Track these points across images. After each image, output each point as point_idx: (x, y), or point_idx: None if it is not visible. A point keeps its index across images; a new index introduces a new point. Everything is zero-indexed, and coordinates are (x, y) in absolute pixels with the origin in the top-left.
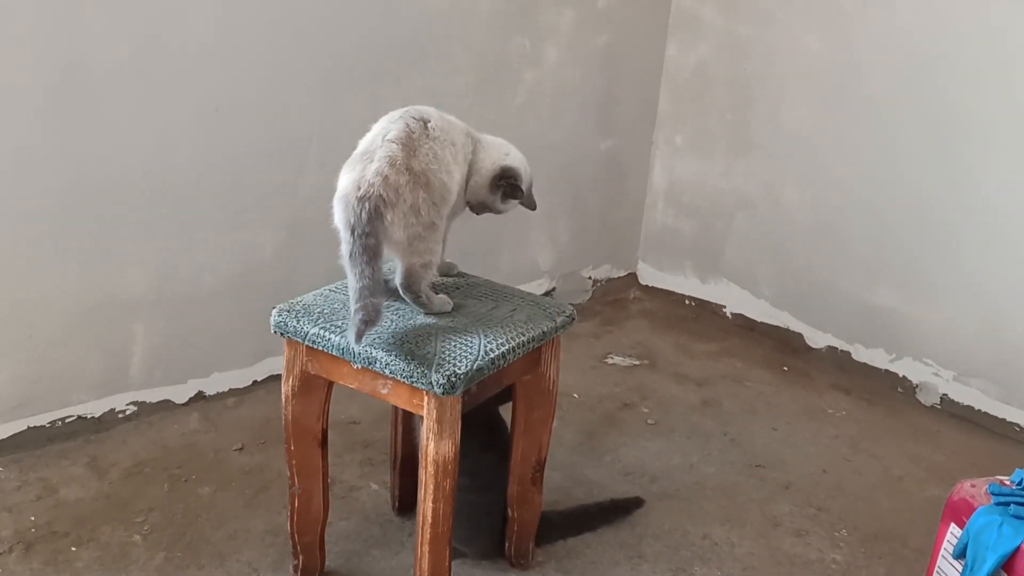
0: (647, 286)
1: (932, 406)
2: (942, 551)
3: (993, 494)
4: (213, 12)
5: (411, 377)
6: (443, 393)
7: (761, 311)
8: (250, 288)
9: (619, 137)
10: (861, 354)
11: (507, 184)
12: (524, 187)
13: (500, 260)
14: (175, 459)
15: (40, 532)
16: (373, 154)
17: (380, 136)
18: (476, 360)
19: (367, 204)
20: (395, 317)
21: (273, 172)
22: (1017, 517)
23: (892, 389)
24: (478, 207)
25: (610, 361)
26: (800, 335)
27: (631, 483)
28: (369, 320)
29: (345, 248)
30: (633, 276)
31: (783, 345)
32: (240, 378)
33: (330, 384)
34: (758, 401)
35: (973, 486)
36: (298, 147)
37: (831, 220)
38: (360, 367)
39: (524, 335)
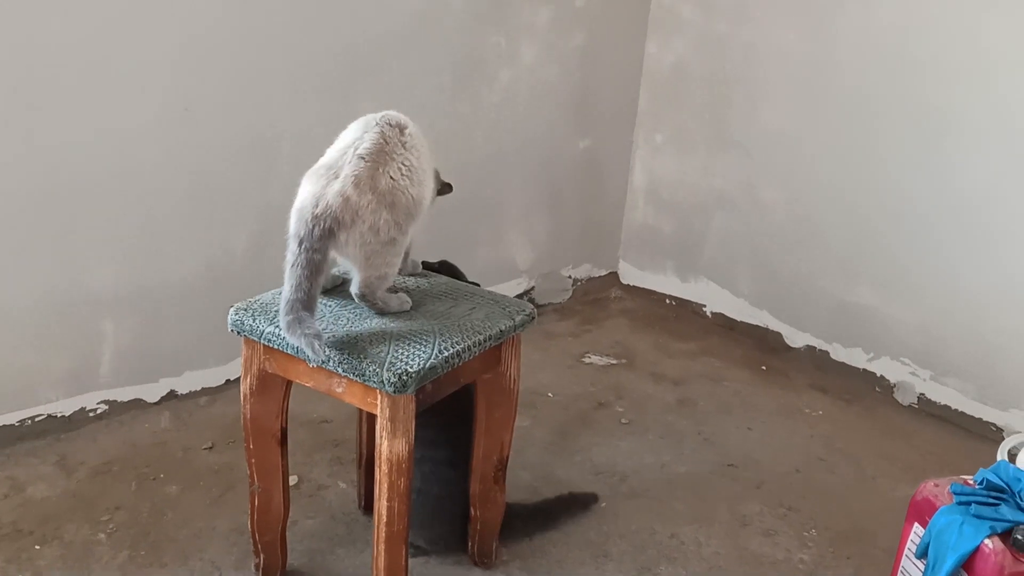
0: (628, 285)
1: (909, 405)
2: (906, 551)
3: (955, 494)
4: (182, 9)
5: (363, 376)
6: (395, 392)
7: (740, 310)
8: (221, 287)
9: (598, 136)
10: (839, 353)
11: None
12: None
13: (476, 259)
14: (144, 458)
15: (4, 530)
16: (340, 170)
17: (351, 149)
18: (429, 359)
19: (322, 223)
20: (351, 316)
21: (243, 171)
22: (978, 517)
23: (870, 388)
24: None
25: (587, 360)
26: (779, 334)
27: (601, 482)
28: (318, 334)
29: (289, 257)
30: (614, 275)
31: (762, 344)
32: (212, 377)
33: (288, 383)
34: (734, 400)
35: (937, 486)
36: (269, 146)
37: (810, 219)
38: (315, 366)
39: (480, 334)
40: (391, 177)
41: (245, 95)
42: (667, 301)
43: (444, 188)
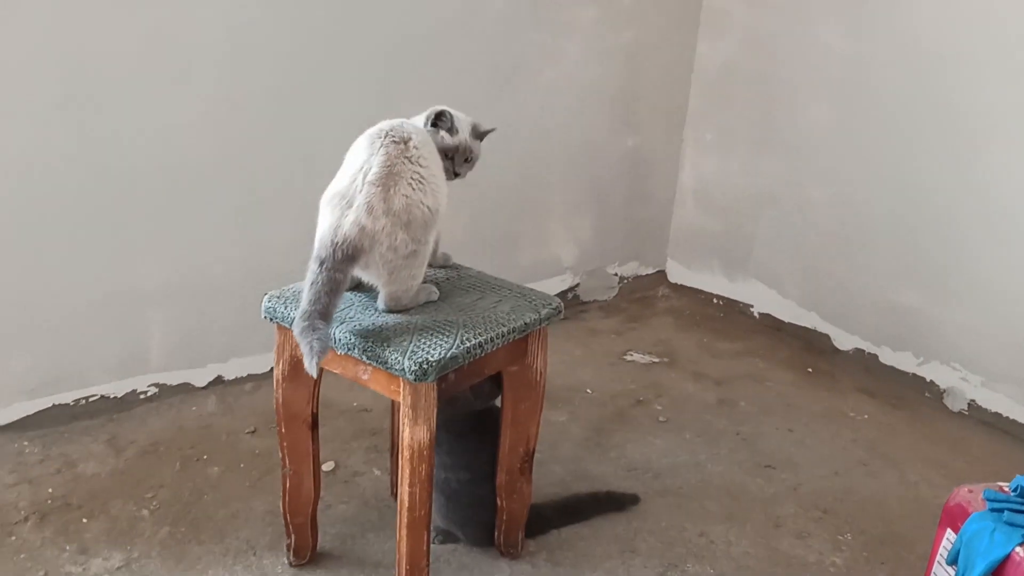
0: (676, 284)
1: (959, 412)
2: (938, 557)
3: (988, 500)
4: (225, 7)
5: (386, 364)
6: (415, 380)
7: (788, 311)
8: (266, 277)
9: (646, 134)
10: (888, 357)
11: (435, 117)
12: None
13: (519, 255)
14: (189, 439)
15: (56, 504)
16: (352, 198)
17: (360, 175)
18: (450, 349)
19: (342, 250)
20: (372, 304)
21: (286, 166)
22: (1010, 524)
23: (919, 394)
24: (463, 167)
25: (629, 358)
26: (827, 336)
27: (634, 479)
28: (324, 348)
29: (309, 276)
30: (662, 274)
31: (809, 346)
32: (258, 364)
33: (320, 370)
34: (777, 402)
35: (971, 491)
36: (311, 142)
37: (856, 220)
38: (343, 353)
39: (504, 326)
40: (404, 195)
41: (288, 92)
42: (714, 301)
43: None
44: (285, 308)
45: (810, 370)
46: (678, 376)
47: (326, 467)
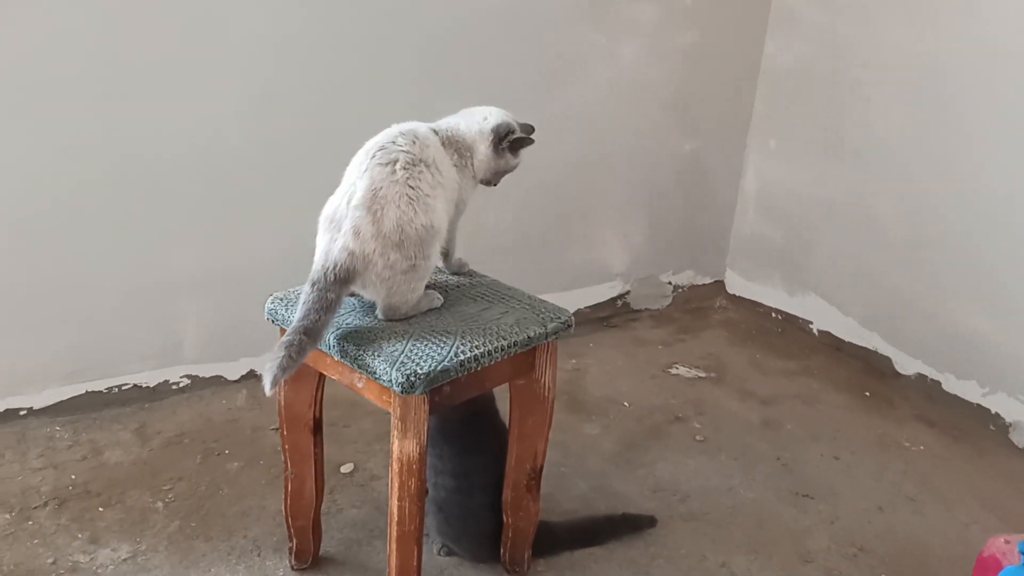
0: (734, 295)
1: None
2: None
3: (1023, 553)
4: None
5: (374, 374)
6: (402, 392)
7: (848, 330)
8: (300, 271)
9: (706, 138)
10: (952, 385)
11: (508, 142)
12: (520, 132)
13: (566, 260)
14: (215, 433)
15: (76, 491)
16: (340, 223)
17: (345, 200)
18: (442, 361)
19: (334, 273)
20: (371, 309)
21: (322, 158)
22: None
23: (983, 426)
24: (496, 177)
25: (673, 371)
26: (888, 359)
27: (658, 500)
28: (288, 367)
29: (302, 296)
30: (720, 284)
31: (869, 368)
32: None
33: (321, 375)
34: (826, 426)
35: (1007, 542)
36: (348, 135)
37: (925, 237)
38: (339, 359)
39: (505, 339)
40: (393, 217)
41: (326, 84)
42: (773, 315)
43: (525, 142)
44: (285, 310)
45: (867, 394)
46: (723, 393)
47: (345, 469)
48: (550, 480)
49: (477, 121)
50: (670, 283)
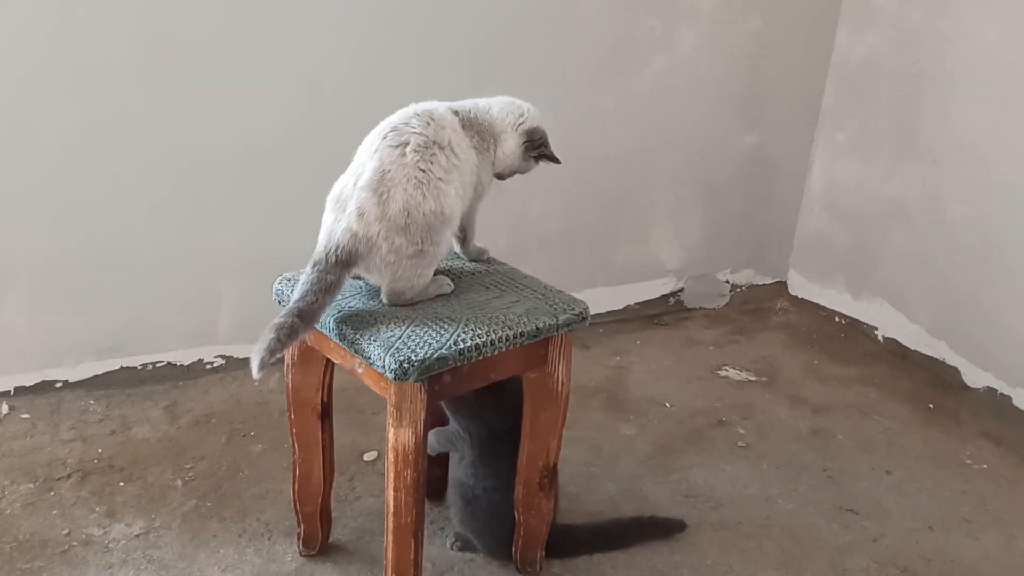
0: (797, 297)
1: None
2: None
3: None
4: None
5: (369, 359)
6: (395, 379)
7: (914, 338)
8: None
9: (770, 132)
10: (1023, 400)
11: (537, 151)
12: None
13: (616, 255)
14: (242, 414)
15: (100, 464)
16: (346, 203)
17: (352, 180)
18: (439, 348)
19: (337, 255)
20: (376, 291)
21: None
22: None
23: None
24: (510, 174)
25: (722, 373)
26: (956, 370)
27: (689, 507)
28: (276, 349)
29: (303, 276)
30: (782, 285)
31: (935, 379)
32: None
33: (328, 361)
34: (881, 439)
35: None
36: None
37: (1001, 242)
38: (338, 343)
39: (511, 329)
40: (399, 200)
41: (375, 69)
42: (836, 319)
43: (537, 138)
44: (291, 292)
45: (931, 406)
46: (773, 398)
47: (368, 456)
48: (577, 480)
49: (514, 115)
50: (727, 282)
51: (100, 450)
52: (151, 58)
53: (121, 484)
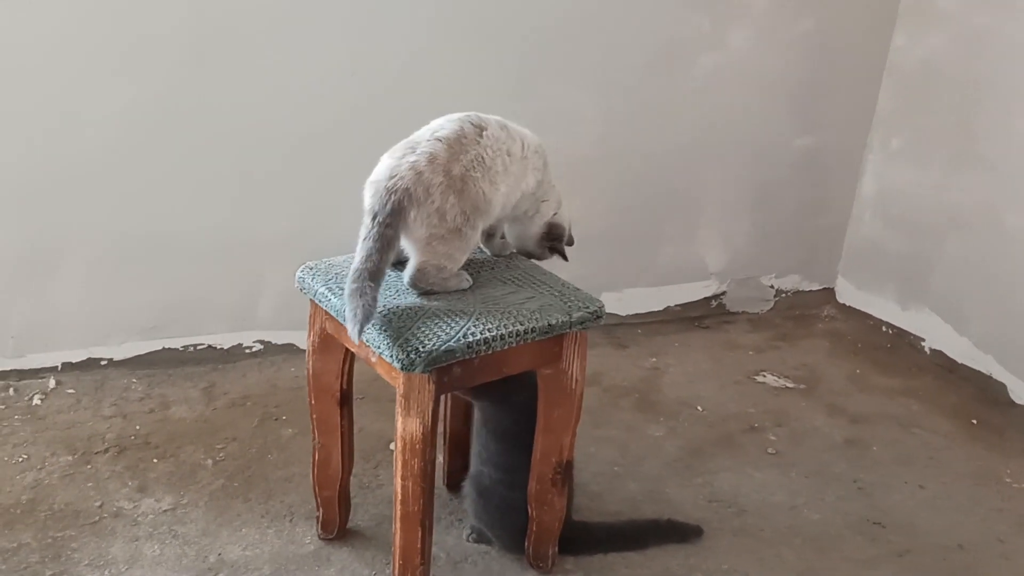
0: (844, 305)
1: None
2: None
3: None
4: None
5: (379, 348)
6: (403, 369)
7: (962, 351)
8: None
9: (823, 135)
10: None
11: (551, 244)
12: (565, 243)
13: (659, 254)
14: (276, 399)
15: (137, 441)
16: (417, 147)
17: (430, 131)
18: (448, 341)
19: (394, 196)
20: (402, 286)
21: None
22: None
23: None
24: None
25: (760, 379)
26: (1003, 386)
27: (711, 512)
28: (369, 314)
29: (363, 231)
30: (829, 292)
31: (982, 394)
32: None
33: (348, 349)
34: (919, 452)
35: None
36: (441, 113)
37: None
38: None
39: (522, 325)
40: (464, 166)
41: (426, 63)
42: (883, 329)
43: (556, 233)
44: (313, 280)
45: (974, 422)
46: (809, 406)
47: (393, 446)
48: (600, 480)
49: (553, 201)
50: (772, 287)
51: (138, 427)
52: (201, 46)
53: (155, 461)
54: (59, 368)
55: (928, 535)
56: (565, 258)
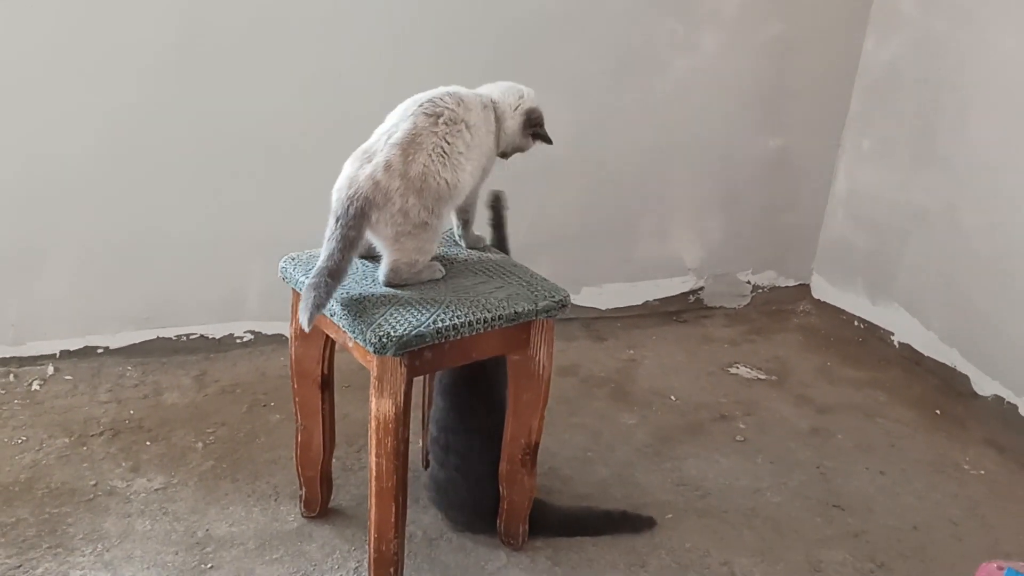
0: (819, 301)
1: None
2: None
3: None
4: None
5: (353, 333)
6: (375, 352)
7: (929, 344)
8: None
9: (794, 136)
10: None
11: (534, 131)
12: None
13: (635, 250)
14: (265, 386)
15: (131, 424)
16: (374, 155)
17: (385, 136)
18: (418, 327)
19: (355, 203)
20: (374, 274)
21: None
22: None
23: None
24: (511, 152)
25: (733, 371)
26: (966, 377)
27: (679, 495)
28: (319, 304)
29: (327, 232)
30: (805, 288)
31: (945, 386)
32: None
33: (328, 336)
34: (881, 441)
35: (1000, 568)
36: None
37: (1015, 252)
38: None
39: (489, 312)
40: (422, 164)
41: (393, 67)
42: (855, 324)
43: (534, 119)
44: (294, 270)
45: (938, 412)
46: (779, 397)
47: None
48: (573, 464)
49: (514, 96)
50: (749, 282)
51: (132, 412)
52: (184, 48)
53: (147, 443)
54: (57, 355)
55: (884, 517)
56: (549, 141)
